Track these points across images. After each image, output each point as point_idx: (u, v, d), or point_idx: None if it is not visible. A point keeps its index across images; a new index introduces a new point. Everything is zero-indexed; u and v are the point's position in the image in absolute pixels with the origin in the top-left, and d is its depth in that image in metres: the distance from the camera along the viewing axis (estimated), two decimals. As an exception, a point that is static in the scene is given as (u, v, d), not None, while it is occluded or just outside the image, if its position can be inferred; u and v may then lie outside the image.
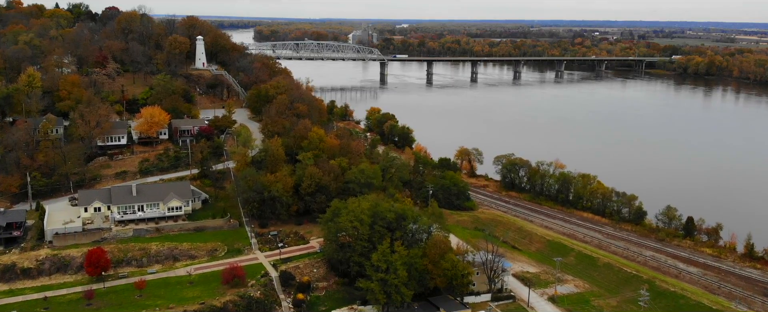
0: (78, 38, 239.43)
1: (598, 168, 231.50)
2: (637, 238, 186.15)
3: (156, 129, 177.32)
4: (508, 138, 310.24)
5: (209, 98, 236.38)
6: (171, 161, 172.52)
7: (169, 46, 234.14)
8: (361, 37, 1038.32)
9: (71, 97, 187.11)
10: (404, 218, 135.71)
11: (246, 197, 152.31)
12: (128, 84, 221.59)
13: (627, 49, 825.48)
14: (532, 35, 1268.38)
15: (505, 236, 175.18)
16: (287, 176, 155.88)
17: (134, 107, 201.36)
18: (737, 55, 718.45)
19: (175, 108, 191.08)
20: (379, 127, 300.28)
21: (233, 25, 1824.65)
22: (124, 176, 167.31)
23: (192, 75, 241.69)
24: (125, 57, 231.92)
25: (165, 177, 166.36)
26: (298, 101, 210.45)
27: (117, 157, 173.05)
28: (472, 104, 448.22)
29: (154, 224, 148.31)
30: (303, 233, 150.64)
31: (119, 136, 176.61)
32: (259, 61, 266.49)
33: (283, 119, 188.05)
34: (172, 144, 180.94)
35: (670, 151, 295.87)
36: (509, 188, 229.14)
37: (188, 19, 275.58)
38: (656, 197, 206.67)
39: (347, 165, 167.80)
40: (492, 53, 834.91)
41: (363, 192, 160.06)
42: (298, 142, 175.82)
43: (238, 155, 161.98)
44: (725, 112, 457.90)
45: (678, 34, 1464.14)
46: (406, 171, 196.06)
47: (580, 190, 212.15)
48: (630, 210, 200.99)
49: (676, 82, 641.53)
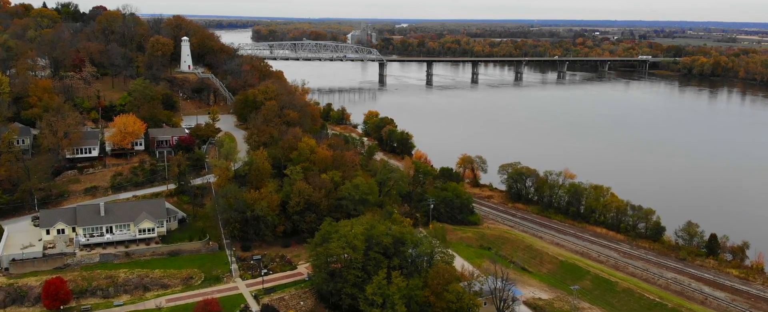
0: (55, 39, 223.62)
1: (611, 178, 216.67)
2: (656, 257, 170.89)
3: (130, 139, 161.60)
4: (513, 143, 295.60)
5: (194, 103, 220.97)
6: (146, 175, 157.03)
7: (151, 47, 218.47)
8: (359, 37, 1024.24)
9: (41, 104, 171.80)
10: (403, 243, 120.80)
11: (226, 217, 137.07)
12: (106, 89, 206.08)
13: (630, 50, 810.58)
14: (533, 35, 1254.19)
15: (514, 256, 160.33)
16: (273, 193, 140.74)
17: (111, 114, 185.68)
18: (743, 56, 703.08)
19: (154, 116, 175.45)
20: (377, 131, 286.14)
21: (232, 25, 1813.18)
22: (94, 192, 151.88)
23: (176, 78, 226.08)
24: (104, 59, 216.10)
25: (139, 193, 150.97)
26: (288, 107, 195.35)
27: (87, 170, 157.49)
28: (473, 106, 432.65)
29: (123, 248, 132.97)
30: (290, 257, 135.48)
31: (90, 148, 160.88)
32: (249, 63, 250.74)
33: (270, 128, 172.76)
34: (148, 156, 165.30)
35: (686, 159, 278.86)
36: (516, 199, 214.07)
37: (174, 18, 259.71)
38: (675, 211, 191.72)
39: (340, 179, 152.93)
40: (493, 53, 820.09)
41: (357, 210, 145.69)
42: (287, 153, 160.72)
43: (220, 169, 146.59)
44: (739, 115, 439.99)
45: (679, 34, 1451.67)
46: (405, 183, 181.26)
47: (593, 202, 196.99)
48: (647, 225, 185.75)
49: (681, 83, 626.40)
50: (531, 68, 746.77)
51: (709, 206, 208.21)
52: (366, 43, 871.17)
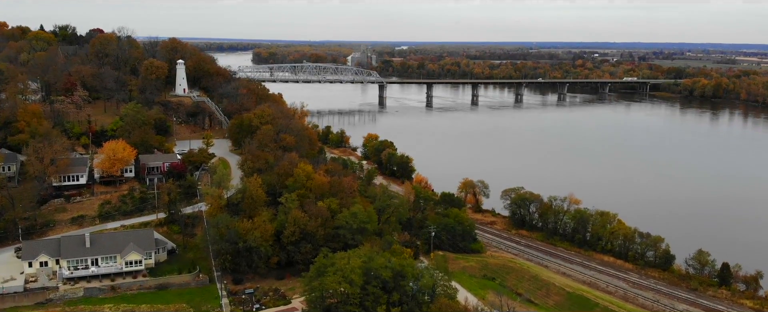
0: (47, 63, 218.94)
1: (617, 203, 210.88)
2: (667, 288, 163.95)
3: (120, 166, 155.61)
4: (515, 166, 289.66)
5: (189, 127, 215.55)
6: (136, 203, 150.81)
7: (145, 71, 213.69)
8: (359, 60, 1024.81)
9: (29, 129, 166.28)
10: (403, 276, 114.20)
11: (217, 248, 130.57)
12: (98, 113, 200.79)
13: (630, 71, 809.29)
14: (532, 57, 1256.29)
15: (519, 287, 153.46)
16: (267, 222, 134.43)
17: (102, 139, 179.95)
18: (743, 78, 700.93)
19: (145, 141, 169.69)
20: (376, 155, 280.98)
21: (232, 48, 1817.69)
22: (81, 221, 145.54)
23: (171, 102, 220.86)
24: (96, 83, 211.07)
25: (127, 222, 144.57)
26: (285, 131, 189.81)
27: (74, 198, 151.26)
28: (474, 129, 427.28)
29: (109, 282, 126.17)
30: (284, 291, 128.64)
31: (78, 175, 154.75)
32: (245, 86, 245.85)
33: (266, 153, 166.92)
34: (138, 183, 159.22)
35: (693, 184, 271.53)
36: (519, 226, 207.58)
37: (170, 41, 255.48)
38: (684, 238, 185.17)
39: (338, 207, 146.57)
40: (492, 75, 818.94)
41: (355, 239, 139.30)
42: (282, 179, 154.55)
43: (211, 197, 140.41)
44: (744, 138, 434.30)
45: (678, 56, 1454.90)
46: (405, 210, 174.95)
47: (599, 229, 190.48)
48: (656, 253, 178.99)
49: (683, 105, 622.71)
50: (531, 90, 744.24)
51: (720, 233, 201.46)
52: (366, 65, 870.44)
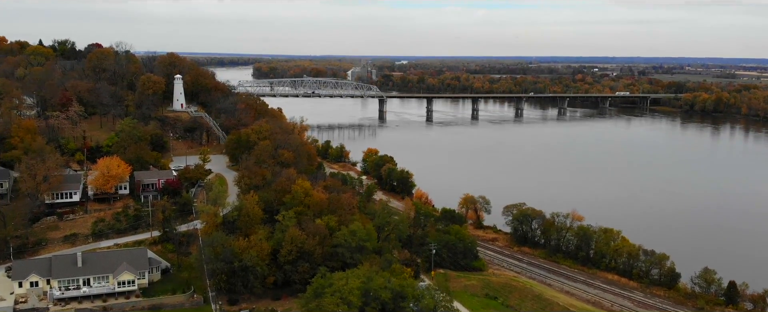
0: (44, 78, 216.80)
1: (620, 219, 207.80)
2: (673, 307, 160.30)
3: (114, 183, 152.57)
4: (516, 182, 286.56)
5: (186, 143, 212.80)
6: (130, 221, 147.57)
7: (142, 86, 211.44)
8: (360, 74, 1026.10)
9: (23, 145, 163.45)
10: (403, 297, 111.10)
11: (212, 267, 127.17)
12: (94, 129, 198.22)
13: (630, 86, 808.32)
14: (532, 71, 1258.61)
15: (522, 307, 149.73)
16: (263, 240, 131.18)
17: (98, 156, 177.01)
18: (744, 92, 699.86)
19: (140, 157, 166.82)
20: (376, 170, 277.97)
21: (233, 62, 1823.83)
22: (73, 240, 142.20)
23: (168, 118, 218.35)
24: (92, 98, 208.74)
25: (121, 241, 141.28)
26: (283, 147, 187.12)
27: (67, 216, 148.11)
28: (475, 143, 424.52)
29: (101, 302, 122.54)
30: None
31: (71, 192, 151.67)
32: (243, 101, 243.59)
33: (263, 169, 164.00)
34: (133, 200, 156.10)
35: (697, 200, 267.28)
36: (522, 242, 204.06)
37: (168, 56, 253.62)
38: (690, 256, 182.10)
39: (336, 224, 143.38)
40: (492, 90, 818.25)
41: (354, 258, 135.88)
42: (280, 196, 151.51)
43: (207, 215, 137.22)
44: (747, 153, 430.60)
45: (678, 70, 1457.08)
46: (405, 227, 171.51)
47: (603, 247, 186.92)
48: (661, 271, 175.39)
49: (684, 120, 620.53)
50: (531, 104, 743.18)
51: (726, 250, 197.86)
52: (366, 80, 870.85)
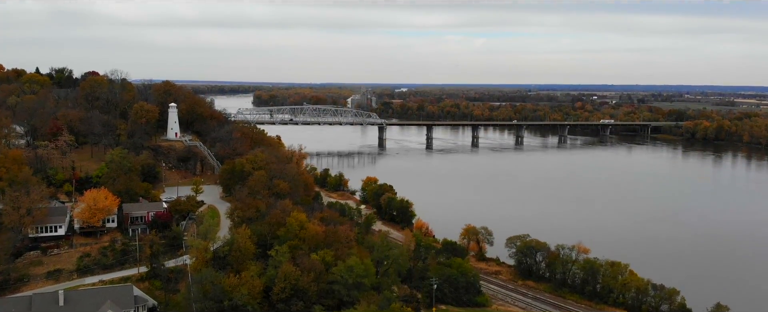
0: (35, 106, 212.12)
1: (628, 252, 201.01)
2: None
3: (100, 216, 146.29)
4: (519, 212, 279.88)
5: (180, 173, 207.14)
6: (117, 256, 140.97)
7: (134, 114, 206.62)
8: (359, 101, 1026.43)
9: (8, 176, 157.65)
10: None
11: (201, 307, 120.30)
12: (85, 159, 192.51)
13: (631, 114, 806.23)
14: (531, 99, 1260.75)
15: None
16: (255, 277, 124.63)
17: (86, 187, 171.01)
18: (745, 120, 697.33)
19: (130, 189, 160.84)
20: (375, 199, 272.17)
21: (234, 90, 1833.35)
22: (57, 276, 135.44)
23: (161, 147, 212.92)
24: (84, 127, 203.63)
25: (107, 277, 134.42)
26: (279, 177, 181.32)
27: (52, 251, 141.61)
28: (476, 172, 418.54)
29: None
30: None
31: (57, 226, 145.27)
32: (239, 130, 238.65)
33: (257, 201, 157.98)
34: (120, 234, 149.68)
35: (707, 231, 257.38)
36: (526, 276, 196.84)
37: (163, 84, 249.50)
38: (701, 290, 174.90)
39: (333, 259, 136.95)
40: (492, 117, 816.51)
41: (351, 295, 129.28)
42: (274, 229, 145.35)
43: (196, 250, 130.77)
44: (755, 182, 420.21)
45: (676, 98, 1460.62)
46: (405, 260, 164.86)
47: (610, 281, 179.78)
48: (671, 307, 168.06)
49: (685, 148, 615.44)
50: (531, 132, 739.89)
51: (738, 283, 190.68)
52: (366, 107, 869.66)
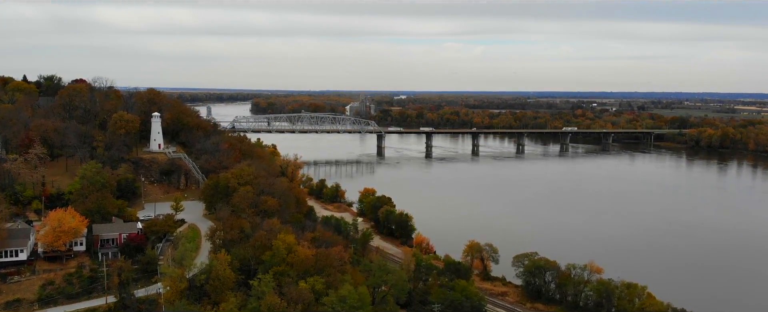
0: (10, 116, 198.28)
1: (643, 270, 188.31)
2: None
3: (66, 239, 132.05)
4: (525, 225, 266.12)
5: (162, 187, 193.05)
6: (84, 284, 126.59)
7: (113, 125, 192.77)
8: (358, 109, 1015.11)
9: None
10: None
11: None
12: (59, 173, 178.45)
13: (633, 121, 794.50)
14: (531, 106, 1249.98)
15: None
16: (235, 310, 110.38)
17: (58, 204, 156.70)
18: (750, 127, 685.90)
19: (102, 207, 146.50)
20: (373, 212, 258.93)
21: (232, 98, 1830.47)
22: (17, 306, 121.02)
23: (142, 160, 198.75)
24: (59, 139, 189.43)
25: (71, 308, 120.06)
26: (267, 193, 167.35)
27: (11, 278, 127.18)
28: (478, 182, 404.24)
29: None
30: None
31: (18, 250, 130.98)
32: (227, 141, 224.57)
33: (242, 220, 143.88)
34: (89, 259, 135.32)
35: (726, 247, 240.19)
36: (535, 298, 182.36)
37: (147, 92, 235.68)
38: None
39: (323, 288, 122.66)
40: (492, 125, 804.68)
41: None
42: (259, 253, 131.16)
43: (170, 278, 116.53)
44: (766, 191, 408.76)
45: (677, 105, 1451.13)
46: (404, 285, 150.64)
47: (626, 304, 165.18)
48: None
49: (689, 156, 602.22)
50: (532, 140, 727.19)
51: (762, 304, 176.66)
52: (364, 115, 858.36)
